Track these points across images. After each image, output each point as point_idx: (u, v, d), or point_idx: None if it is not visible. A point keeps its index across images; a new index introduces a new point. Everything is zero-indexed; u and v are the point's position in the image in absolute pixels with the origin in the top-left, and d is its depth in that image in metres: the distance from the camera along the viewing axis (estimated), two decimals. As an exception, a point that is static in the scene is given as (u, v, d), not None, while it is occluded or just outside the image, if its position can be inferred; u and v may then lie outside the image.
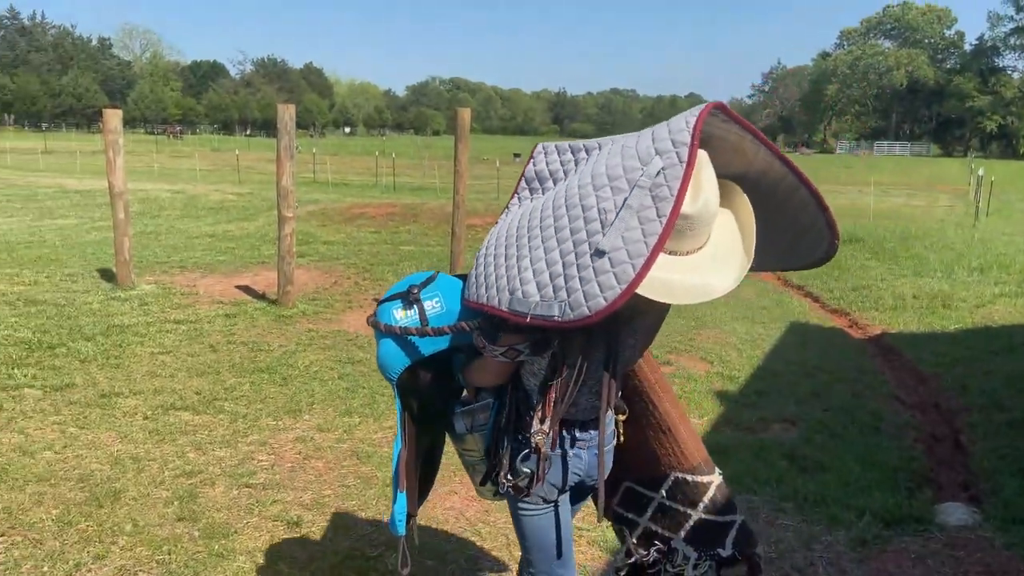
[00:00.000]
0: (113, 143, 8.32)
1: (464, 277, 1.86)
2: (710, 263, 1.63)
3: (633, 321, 1.80)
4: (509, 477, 1.87)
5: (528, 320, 1.55)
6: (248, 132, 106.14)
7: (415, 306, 1.87)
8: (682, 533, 2.09)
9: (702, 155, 1.57)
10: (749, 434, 4.68)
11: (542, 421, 1.77)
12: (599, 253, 1.47)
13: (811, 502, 3.69)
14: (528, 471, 1.84)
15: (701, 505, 2.07)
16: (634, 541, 2.17)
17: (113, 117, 8.48)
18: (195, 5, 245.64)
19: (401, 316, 1.89)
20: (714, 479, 2.09)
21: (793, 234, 1.78)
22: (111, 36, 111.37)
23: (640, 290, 1.47)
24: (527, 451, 1.82)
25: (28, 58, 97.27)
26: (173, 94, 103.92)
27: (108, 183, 8.39)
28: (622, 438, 2.01)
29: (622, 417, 2.00)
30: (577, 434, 1.87)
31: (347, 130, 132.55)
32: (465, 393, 2.03)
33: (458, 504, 3.57)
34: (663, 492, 2.11)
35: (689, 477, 2.08)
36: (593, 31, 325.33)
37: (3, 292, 7.72)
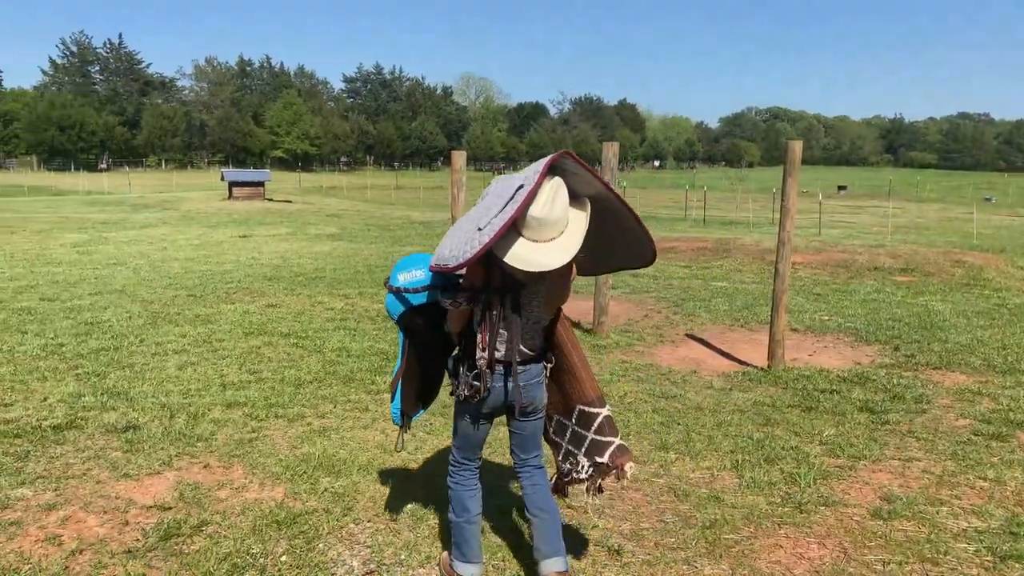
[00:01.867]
0: (458, 181, 9.32)
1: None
2: (558, 248, 2.61)
3: (533, 287, 2.77)
4: (464, 391, 2.82)
5: (434, 267, 2.68)
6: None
7: (409, 273, 2.95)
8: (583, 449, 3.07)
9: (558, 181, 2.59)
10: None
11: (483, 350, 2.77)
12: (479, 229, 2.50)
13: None
14: (477, 384, 2.79)
15: (592, 428, 3.03)
16: (559, 458, 3.20)
17: (459, 158, 9.51)
18: (523, 53, 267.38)
19: (402, 279, 2.96)
20: (602, 412, 3.04)
21: (626, 240, 2.92)
22: (452, 85, 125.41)
23: (511, 261, 2.57)
24: (475, 372, 2.79)
25: (387, 107, 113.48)
26: (499, 134, 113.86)
27: (451, 216, 9.42)
28: (546, 379, 2.99)
29: (550, 364, 3.00)
30: (502, 370, 2.83)
31: (656, 164, 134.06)
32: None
33: (784, 558, 3.38)
34: (573, 420, 3.10)
35: (586, 408, 3.05)
36: (933, 51, 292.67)
37: (367, 308, 9.04)
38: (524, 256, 2.57)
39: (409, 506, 3.82)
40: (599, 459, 2.99)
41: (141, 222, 22.16)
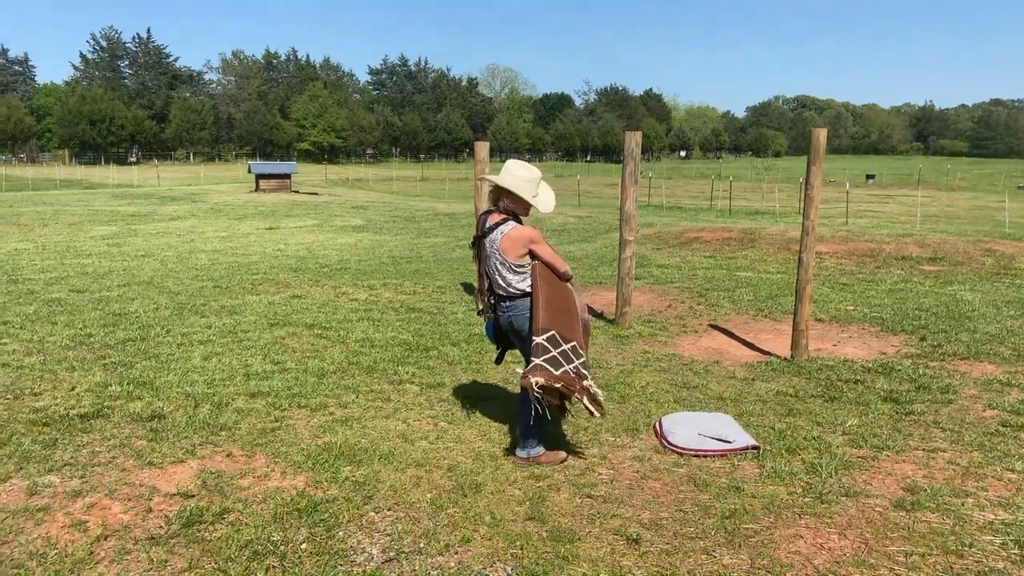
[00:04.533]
0: (481, 171, 9.31)
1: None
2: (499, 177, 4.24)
3: (488, 243, 4.23)
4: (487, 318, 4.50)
5: None
6: (588, 158, 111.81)
7: None
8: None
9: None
10: None
11: (478, 287, 4.84)
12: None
13: None
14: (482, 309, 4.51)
15: (532, 351, 4.05)
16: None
17: (482, 149, 9.51)
18: (549, 44, 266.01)
19: None
20: (536, 339, 4.02)
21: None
22: (478, 76, 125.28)
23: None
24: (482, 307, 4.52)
25: (413, 99, 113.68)
26: (525, 125, 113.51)
27: (475, 207, 9.42)
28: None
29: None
30: (492, 302, 4.39)
31: (682, 154, 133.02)
32: None
33: (804, 549, 3.35)
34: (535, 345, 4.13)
35: (533, 337, 4.07)
36: (965, 36, 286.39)
37: (391, 300, 9.08)
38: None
39: (429, 495, 3.84)
40: (520, 371, 4.09)
41: (169, 214, 22.46)
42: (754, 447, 4.43)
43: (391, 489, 3.90)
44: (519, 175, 4.17)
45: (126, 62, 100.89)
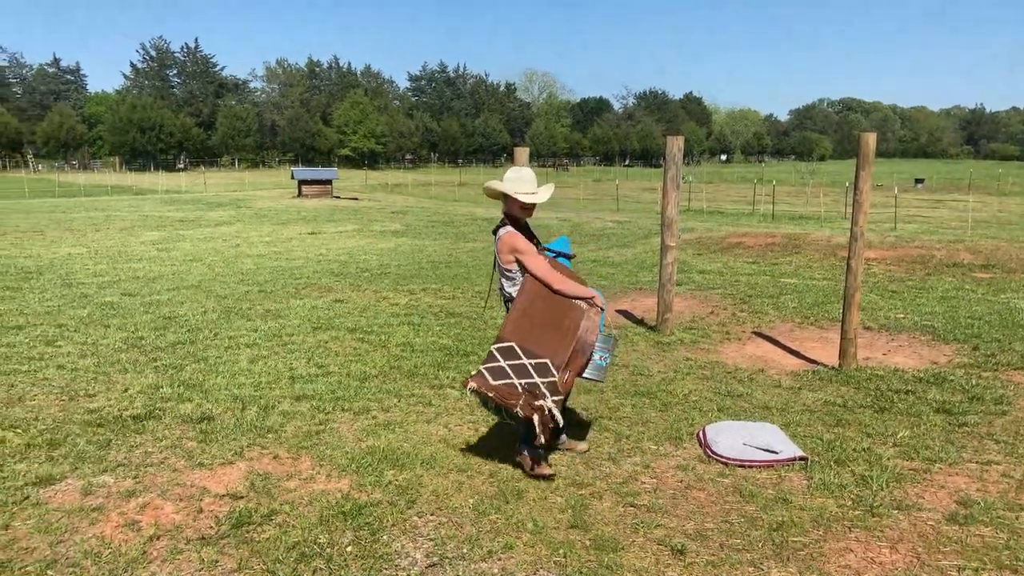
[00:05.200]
0: (521, 177, 9.35)
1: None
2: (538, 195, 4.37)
3: (495, 247, 4.35)
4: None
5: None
6: (627, 162, 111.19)
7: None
8: None
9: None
10: None
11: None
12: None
13: None
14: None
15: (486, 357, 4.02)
16: None
17: (521, 154, 9.48)
18: (587, 48, 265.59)
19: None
20: (492, 347, 4.04)
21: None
22: (516, 81, 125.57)
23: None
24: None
25: (451, 105, 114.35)
26: (563, 130, 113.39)
27: (515, 212, 9.45)
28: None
29: None
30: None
31: (723, 157, 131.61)
32: None
33: (854, 563, 3.28)
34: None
35: (495, 345, 4.05)
36: (1017, 38, 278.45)
37: (431, 304, 9.14)
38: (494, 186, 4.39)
39: (471, 500, 3.86)
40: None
41: (215, 220, 22.92)
42: (801, 458, 4.35)
43: (434, 494, 3.93)
44: (506, 176, 4.40)
45: (174, 71, 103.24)
